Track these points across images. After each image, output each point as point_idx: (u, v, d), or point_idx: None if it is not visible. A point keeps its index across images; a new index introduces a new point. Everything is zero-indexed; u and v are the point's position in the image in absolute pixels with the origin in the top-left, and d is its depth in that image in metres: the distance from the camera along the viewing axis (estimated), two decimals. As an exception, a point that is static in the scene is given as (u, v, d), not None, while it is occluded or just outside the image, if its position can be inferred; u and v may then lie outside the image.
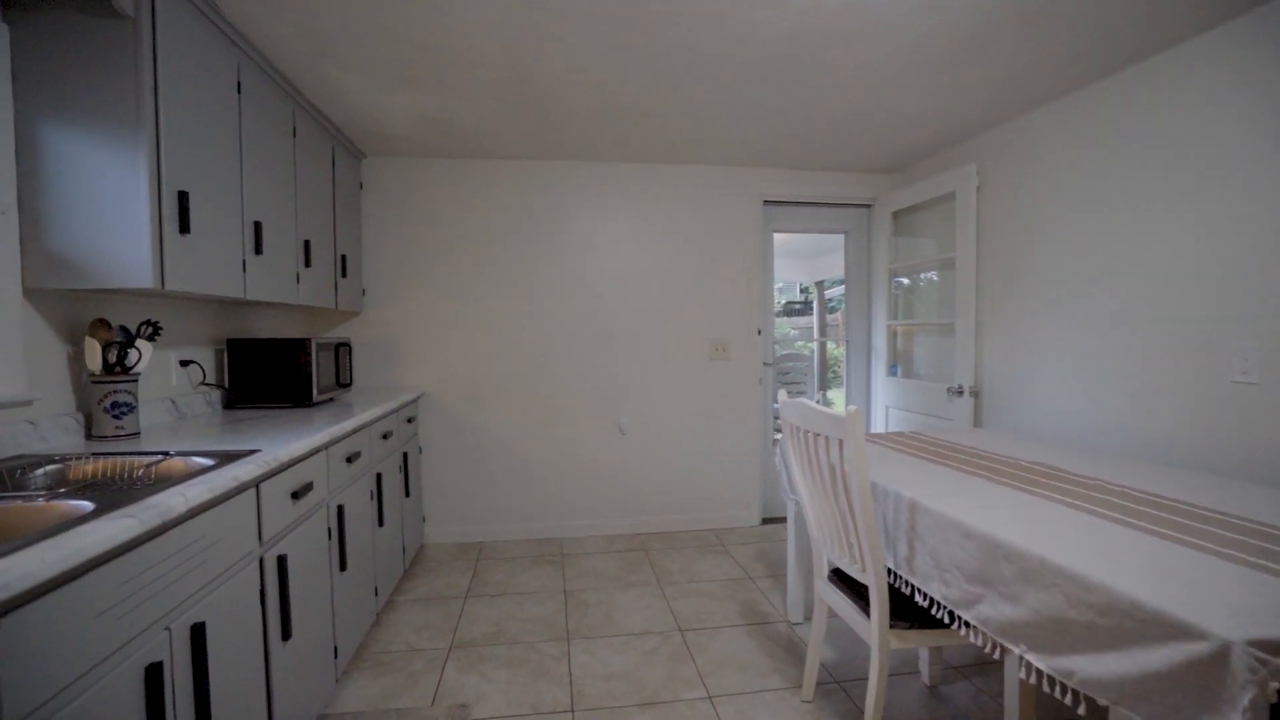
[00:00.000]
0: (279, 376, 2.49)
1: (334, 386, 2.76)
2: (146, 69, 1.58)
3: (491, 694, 2.08)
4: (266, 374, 2.49)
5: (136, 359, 1.83)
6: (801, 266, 5.93)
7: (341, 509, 2.08)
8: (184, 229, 1.69)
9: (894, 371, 3.76)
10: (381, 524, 2.54)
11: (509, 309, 3.55)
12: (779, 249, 4.00)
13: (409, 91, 2.51)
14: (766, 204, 3.77)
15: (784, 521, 3.71)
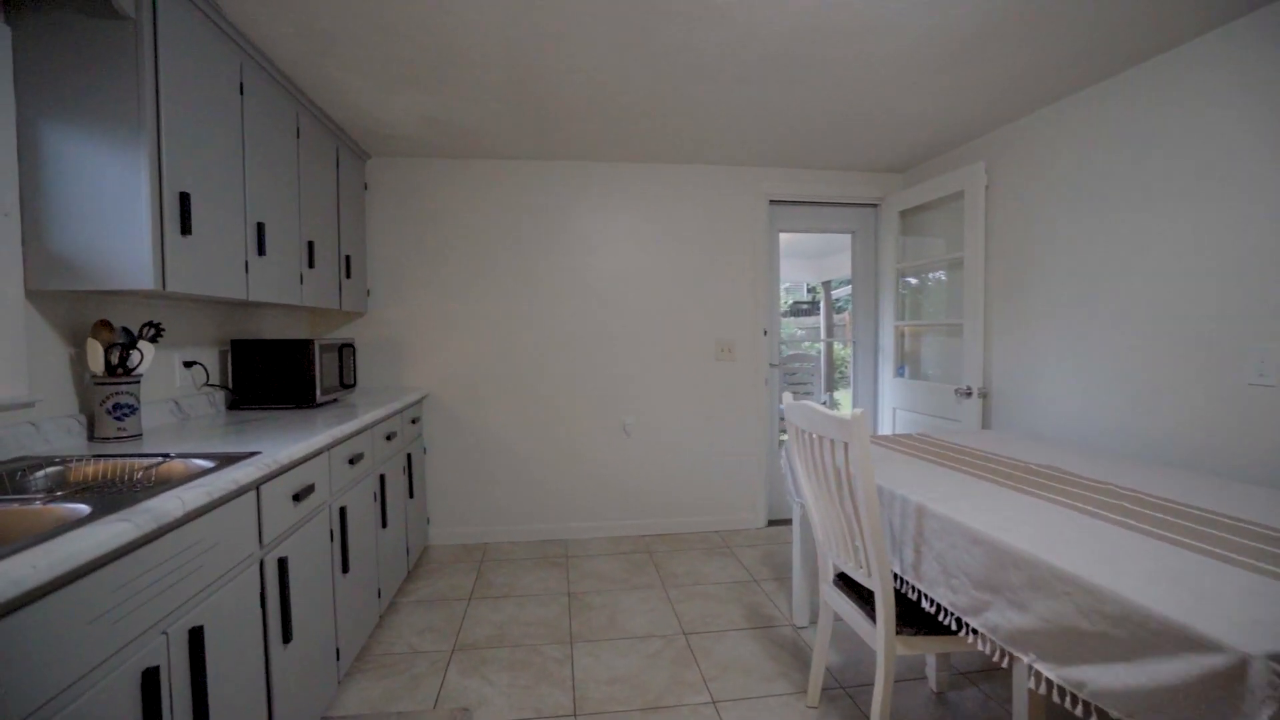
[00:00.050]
0: (282, 377, 2.49)
1: (338, 387, 2.76)
2: (148, 70, 1.57)
3: (494, 697, 2.06)
4: (270, 375, 2.49)
5: (138, 360, 1.83)
6: (808, 266, 5.90)
7: (344, 511, 2.07)
8: (185, 230, 1.69)
9: (901, 372, 3.72)
10: (385, 525, 2.54)
11: (513, 309, 3.54)
12: (786, 249, 3.97)
13: (411, 92, 2.50)
14: (772, 204, 3.74)
15: (790, 523, 3.69)
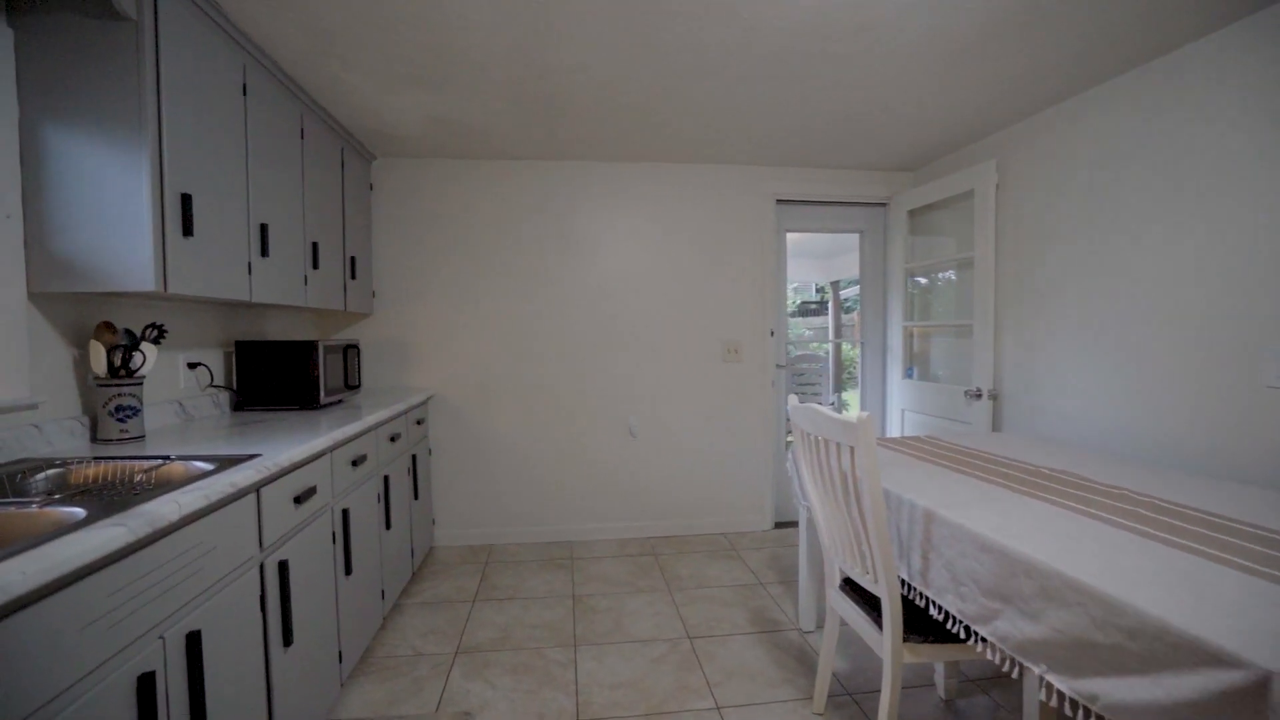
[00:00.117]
0: (286, 379, 2.49)
1: (342, 388, 2.76)
2: (149, 71, 1.57)
3: (496, 701, 2.05)
4: (274, 376, 2.49)
5: (141, 362, 1.83)
6: (817, 266, 5.85)
7: (347, 513, 2.07)
8: (187, 232, 1.69)
9: (910, 373, 3.67)
10: (389, 527, 2.53)
11: (518, 309, 3.53)
12: (793, 248, 3.94)
13: (415, 91, 2.49)
14: (779, 203, 3.71)
15: (797, 526, 3.65)
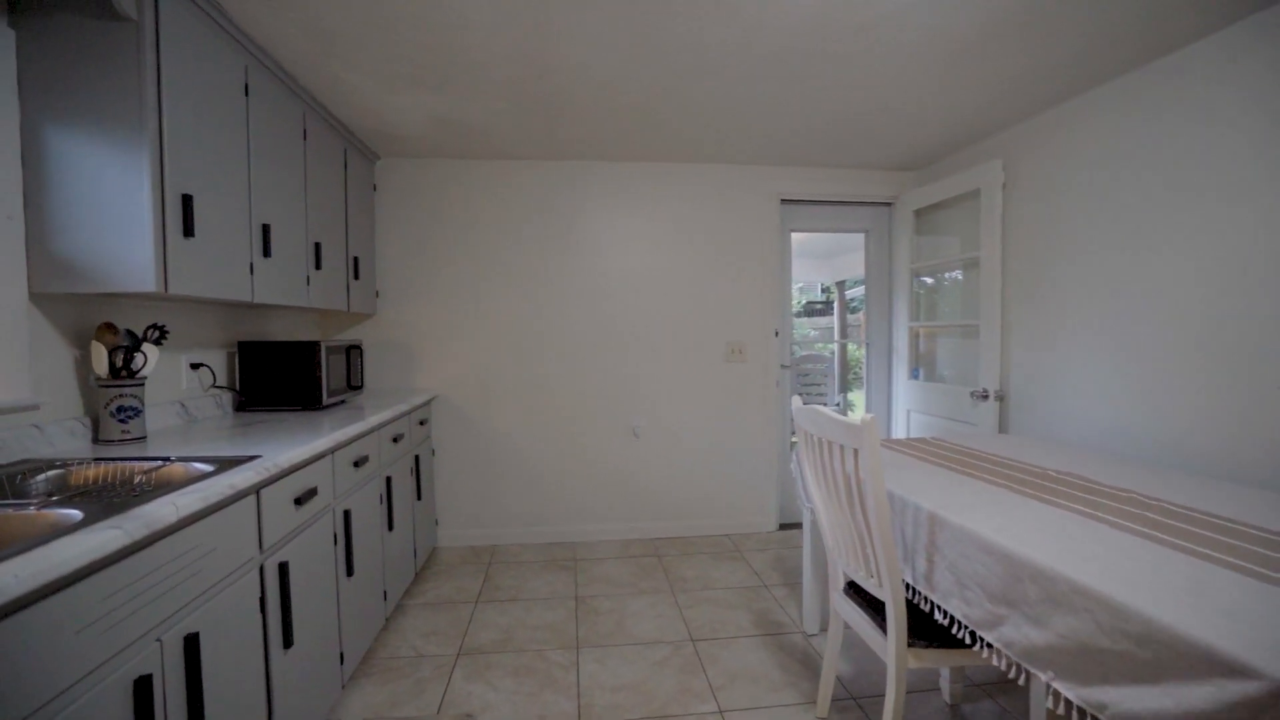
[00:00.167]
0: (289, 379, 2.49)
1: (345, 389, 2.76)
2: (150, 72, 1.57)
3: (498, 703, 2.04)
4: (277, 377, 2.49)
5: (142, 363, 1.83)
6: (822, 266, 5.83)
7: (348, 514, 2.06)
8: (188, 232, 1.68)
9: (916, 374, 3.64)
10: (391, 528, 2.53)
11: (521, 310, 3.52)
12: (798, 248, 3.92)
13: (417, 91, 2.49)
14: (784, 203, 3.69)
15: (802, 527, 3.63)
